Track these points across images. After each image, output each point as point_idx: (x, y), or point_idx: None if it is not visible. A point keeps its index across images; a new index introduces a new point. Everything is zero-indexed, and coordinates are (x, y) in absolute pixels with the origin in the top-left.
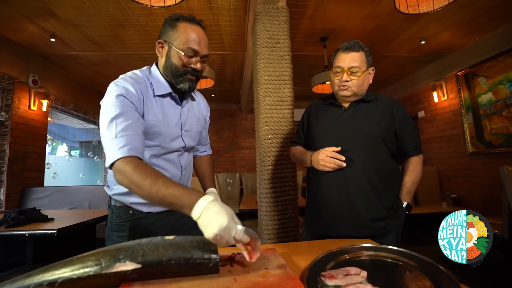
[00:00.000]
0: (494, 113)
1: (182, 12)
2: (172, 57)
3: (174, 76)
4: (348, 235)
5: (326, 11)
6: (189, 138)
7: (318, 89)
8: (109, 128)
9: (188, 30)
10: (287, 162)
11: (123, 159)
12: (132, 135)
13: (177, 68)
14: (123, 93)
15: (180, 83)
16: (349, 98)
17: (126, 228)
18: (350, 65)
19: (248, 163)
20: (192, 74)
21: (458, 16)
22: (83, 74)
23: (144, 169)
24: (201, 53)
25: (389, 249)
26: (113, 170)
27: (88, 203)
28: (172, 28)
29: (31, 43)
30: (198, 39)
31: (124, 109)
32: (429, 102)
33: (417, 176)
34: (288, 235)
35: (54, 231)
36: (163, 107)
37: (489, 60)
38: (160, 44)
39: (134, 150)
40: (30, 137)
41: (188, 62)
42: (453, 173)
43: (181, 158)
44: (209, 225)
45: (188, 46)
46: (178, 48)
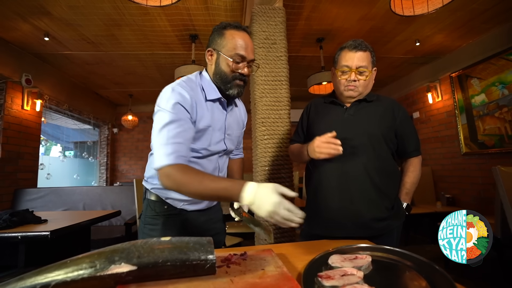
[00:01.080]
0: (487, 114)
1: (178, 12)
2: (221, 64)
3: (223, 82)
4: (349, 236)
5: (323, 12)
6: (230, 142)
7: (314, 90)
8: (161, 133)
9: (235, 37)
10: (283, 162)
11: (171, 165)
12: (181, 143)
13: (226, 75)
14: (179, 100)
15: (230, 89)
16: (353, 99)
17: (159, 222)
18: (359, 65)
19: (245, 163)
20: (240, 79)
21: (452, 18)
22: (77, 73)
23: (190, 170)
24: (248, 58)
25: (385, 249)
26: (159, 173)
27: (83, 204)
28: (220, 36)
29: (25, 42)
30: (245, 45)
31: (178, 116)
32: (424, 103)
33: (416, 177)
34: (284, 236)
35: (48, 233)
36: (212, 112)
37: (482, 62)
38: (209, 52)
39: (181, 158)
40: (23, 138)
41: (236, 68)
42: (447, 173)
43: (220, 160)
44: (262, 205)
45: (236, 53)
46: (227, 55)
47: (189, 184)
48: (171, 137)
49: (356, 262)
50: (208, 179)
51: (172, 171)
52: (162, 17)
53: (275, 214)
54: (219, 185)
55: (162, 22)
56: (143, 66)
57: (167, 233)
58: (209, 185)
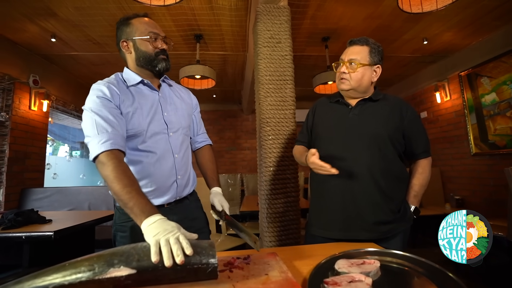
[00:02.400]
0: (498, 114)
1: (183, 11)
2: (140, 46)
3: (149, 61)
4: (352, 238)
5: (328, 11)
6: (172, 117)
7: (320, 90)
8: (90, 128)
9: (142, 21)
10: (288, 163)
11: (107, 152)
12: (112, 131)
13: (148, 53)
14: (98, 94)
15: (157, 65)
16: (348, 92)
17: (127, 228)
18: (350, 57)
19: (249, 163)
20: (163, 54)
21: (461, 16)
22: (83, 74)
23: (124, 171)
24: (161, 34)
25: (394, 253)
26: (96, 163)
27: (88, 204)
28: (128, 26)
29: (32, 43)
30: (153, 25)
31: (100, 108)
32: (432, 102)
33: (425, 179)
34: (289, 238)
35: (51, 233)
36: (138, 95)
37: (493, 60)
38: (124, 43)
39: (116, 144)
40: (30, 138)
41: (155, 45)
42: (457, 174)
43: (171, 140)
44: (147, 235)
45: (150, 31)
46: (142, 37)
47: (112, 183)
48: (99, 128)
49: (364, 268)
50: (134, 189)
51: (106, 159)
52: (166, 17)
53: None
54: (129, 202)
55: (167, 22)
56: None
57: (137, 239)
58: (124, 195)
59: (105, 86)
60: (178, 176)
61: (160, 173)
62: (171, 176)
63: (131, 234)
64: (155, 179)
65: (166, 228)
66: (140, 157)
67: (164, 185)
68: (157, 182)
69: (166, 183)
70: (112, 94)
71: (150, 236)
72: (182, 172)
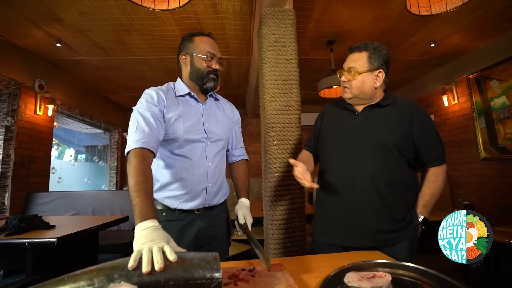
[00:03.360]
0: (509, 118)
1: (187, 16)
2: (196, 63)
3: (200, 78)
4: (355, 245)
5: (333, 14)
6: (213, 129)
7: (324, 94)
8: (133, 124)
9: (204, 40)
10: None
11: (135, 149)
12: (148, 132)
13: (201, 71)
14: (146, 98)
15: (206, 83)
16: (351, 100)
17: None
18: (349, 65)
19: (254, 168)
20: (214, 74)
21: (470, 18)
22: (88, 79)
23: (143, 169)
24: (217, 56)
25: (406, 266)
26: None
27: (92, 209)
28: (190, 42)
29: (37, 49)
30: (212, 45)
31: (145, 110)
32: (439, 106)
33: (437, 188)
34: (295, 245)
35: (54, 240)
36: (184, 104)
37: (503, 63)
38: (183, 56)
39: (147, 143)
40: (36, 142)
41: (209, 64)
42: (465, 179)
43: (208, 149)
44: (135, 242)
45: (208, 51)
46: (199, 55)
47: (130, 178)
48: (138, 127)
49: (375, 282)
50: (143, 188)
51: (133, 156)
52: (171, 21)
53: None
54: (134, 200)
55: (171, 27)
56: (153, 71)
57: None
58: (133, 192)
59: (154, 91)
60: (209, 184)
61: (192, 178)
62: (202, 182)
63: None
64: (187, 183)
65: (152, 239)
66: (176, 161)
67: (194, 190)
68: (188, 186)
69: (197, 188)
70: (158, 99)
71: (135, 243)
72: (213, 180)
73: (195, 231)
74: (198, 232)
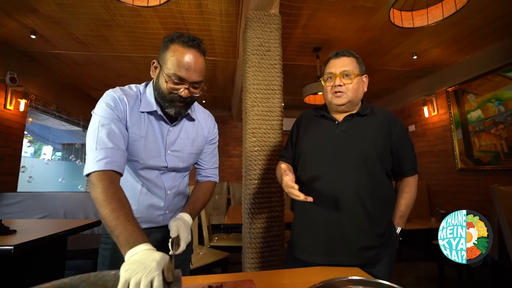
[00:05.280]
0: (483, 130)
1: (171, 14)
2: (160, 80)
3: (161, 99)
4: (337, 263)
5: (320, 22)
6: (176, 159)
7: (310, 100)
8: (91, 138)
9: (177, 54)
10: (274, 176)
11: (99, 172)
12: (112, 148)
13: (163, 93)
14: (109, 102)
15: (168, 107)
16: (343, 107)
17: (110, 241)
18: (342, 69)
19: (238, 171)
20: (180, 101)
21: (450, 33)
22: (67, 74)
23: (113, 193)
24: (188, 80)
25: (380, 284)
26: (89, 181)
27: (64, 212)
28: (166, 49)
29: (10, 39)
30: (187, 65)
31: (108, 119)
32: (420, 116)
33: (411, 198)
34: (272, 254)
35: (11, 248)
36: (149, 124)
37: (478, 78)
38: (154, 63)
39: (112, 163)
40: (4, 138)
41: (173, 89)
42: (442, 189)
43: (164, 177)
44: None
45: (174, 72)
46: (165, 72)
47: (101, 207)
48: (101, 142)
49: None
50: (115, 213)
51: (96, 179)
52: (154, 19)
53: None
54: (115, 230)
55: (155, 25)
56: (136, 69)
57: (118, 253)
58: (110, 221)
59: (117, 97)
60: (166, 211)
61: (147, 205)
62: (159, 210)
63: (112, 248)
64: (141, 210)
65: (145, 266)
66: (133, 182)
67: (149, 217)
68: (142, 212)
69: (152, 215)
70: (123, 107)
71: (123, 269)
72: (171, 207)
73: (154, 244)
74: (157, 245)
